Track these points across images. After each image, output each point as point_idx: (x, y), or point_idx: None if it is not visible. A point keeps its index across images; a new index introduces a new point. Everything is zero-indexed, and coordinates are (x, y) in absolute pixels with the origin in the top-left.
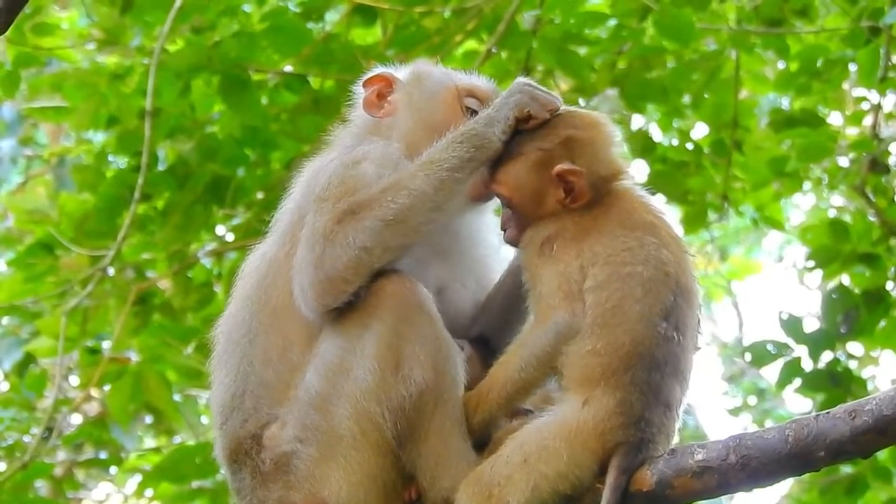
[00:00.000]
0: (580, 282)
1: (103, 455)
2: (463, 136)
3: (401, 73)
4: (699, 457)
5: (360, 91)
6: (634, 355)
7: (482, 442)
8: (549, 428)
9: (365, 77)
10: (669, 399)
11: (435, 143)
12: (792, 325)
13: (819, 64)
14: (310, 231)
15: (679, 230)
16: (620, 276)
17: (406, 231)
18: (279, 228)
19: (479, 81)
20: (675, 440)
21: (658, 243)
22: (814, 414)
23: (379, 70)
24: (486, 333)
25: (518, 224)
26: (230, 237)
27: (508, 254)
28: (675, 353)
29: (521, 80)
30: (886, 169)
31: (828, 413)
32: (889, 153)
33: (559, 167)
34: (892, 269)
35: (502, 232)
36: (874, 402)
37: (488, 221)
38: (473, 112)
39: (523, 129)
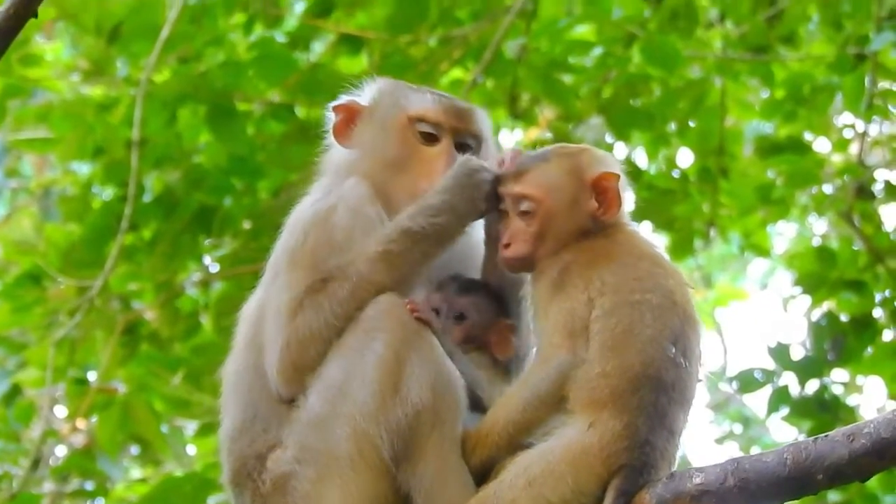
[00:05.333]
0: (585, 318)
1: (90, 486)
2: (423, 228)
3: (364, 96)
4: (697, 480)
5: (329, 117)
6: (643, 377)
7: (484, 473)
8: (553, 452)
9: (333, 104)
10: (673, 425)
11: (396, 178)
12: (780, 352)
13: (805, 91)
14: (275, 307)
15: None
16: (630, 303)
17: (370, 299)
18: (269, 274)
19: (429, 103)
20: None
21: (664, 273)
22: (812, 437)
23: (344, 99)
24: None
25: (532, 239)
26: (217, 267)
27: None
28: (683, 379)
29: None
30: (872, 195)
31: (826, 436)
32: (875, 180)
33: (598, 171)
34: (879, 295)
35: (504, 247)
36: (872, 426)
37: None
38: (428, 135)
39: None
